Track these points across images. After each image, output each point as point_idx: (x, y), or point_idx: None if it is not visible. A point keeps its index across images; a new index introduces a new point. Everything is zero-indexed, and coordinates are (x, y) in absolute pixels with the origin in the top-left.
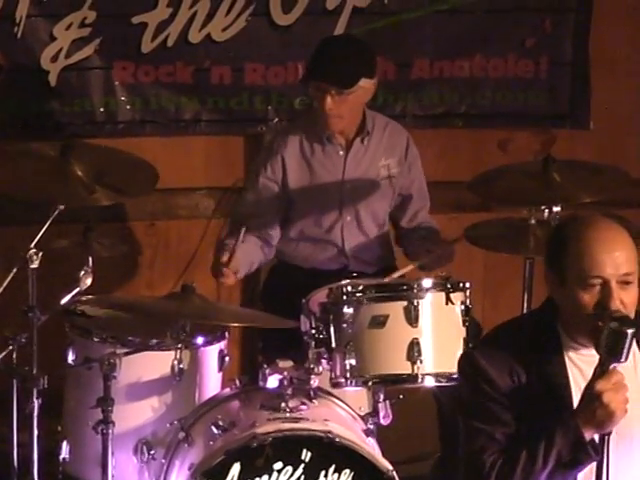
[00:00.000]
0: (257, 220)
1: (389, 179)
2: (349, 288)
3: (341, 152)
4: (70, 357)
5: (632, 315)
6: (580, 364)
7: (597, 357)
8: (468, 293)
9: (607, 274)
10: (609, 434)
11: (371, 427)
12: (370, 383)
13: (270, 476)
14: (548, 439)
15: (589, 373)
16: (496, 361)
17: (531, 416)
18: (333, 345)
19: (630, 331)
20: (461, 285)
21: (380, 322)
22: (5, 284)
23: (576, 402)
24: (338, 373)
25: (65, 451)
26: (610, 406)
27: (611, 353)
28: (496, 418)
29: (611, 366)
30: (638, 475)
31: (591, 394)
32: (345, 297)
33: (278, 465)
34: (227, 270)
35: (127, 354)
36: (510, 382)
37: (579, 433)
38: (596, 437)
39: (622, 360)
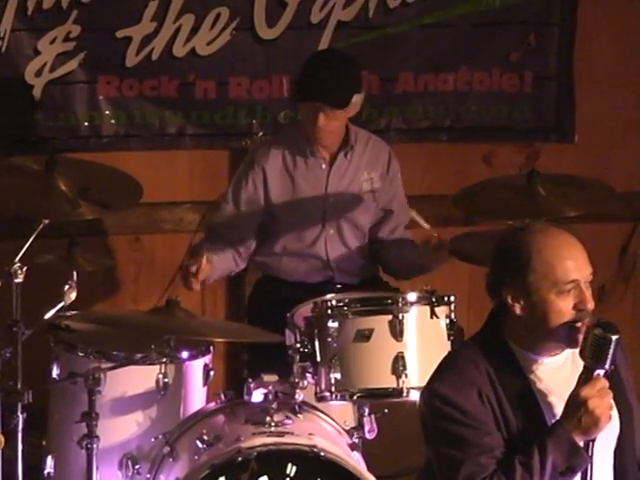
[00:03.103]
0: (233, 231)
1: (372, 193)
2: (334, 302)
3: (324, 166)
4: (55, 372)
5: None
6: (539, 374)
7: (554, 364)
8: (453, 307)
9: (578, 276)
10: (593, 440)
11: (356, 441)
12: (355, 397)
13: None
14: (541, 451)
15: (549, 382)
16: (462, 389)
17: (509, 434)
18: (318, 359)
19: (614, 337)
20: (446, 299)
21: (365, 336)
22: None
23: (546, 413)
24: (323, 387)
25: (50, 466)
26: (595, 412)
27: (595, 359)
28: (477, 444)
29: (595, 373)
30: (606, 477)
31: (576, 401)
32: (330, 311)
33: (263, 479)
34: (195, 281)
35: (112, 368)
36: (481, 405)
37: (571, 440)
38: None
39: (606, 367)
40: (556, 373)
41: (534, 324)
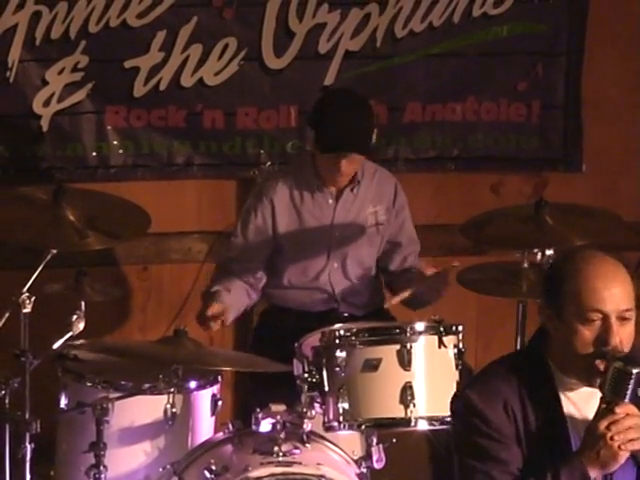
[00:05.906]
0: (244, 265)
1: (377, 226)
2: (342, 332)
3: (331, 201)
4: (63, 401)
5: (627, 350)
6: (574, 399)
7: (590, 392)
8: (461, 336)
9: (607, 309)
10: (612, 474)
11: (364, 471)
12: (363, 427)
13: None
14: (554, 479)
15: (584, 408)
16: (490, 399)
17: (530, 452)
18: (326, 389)
19: (635, 371)
20: (454, 328)
21: (373, 366)
22: None
23: (573, 438)
24: (331, 417)
25: None
26: (614, 446)
27: (615, 393)
28: (493, 457)
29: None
30: None
31: (594, 434)
32: (338, 341)
33: None
34: (213, 323)
35: (120, 398)
36: (506, 418)
37: (585, 473)
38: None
39: (626, 400)
40: (590, 399)
41: (563, 348)
